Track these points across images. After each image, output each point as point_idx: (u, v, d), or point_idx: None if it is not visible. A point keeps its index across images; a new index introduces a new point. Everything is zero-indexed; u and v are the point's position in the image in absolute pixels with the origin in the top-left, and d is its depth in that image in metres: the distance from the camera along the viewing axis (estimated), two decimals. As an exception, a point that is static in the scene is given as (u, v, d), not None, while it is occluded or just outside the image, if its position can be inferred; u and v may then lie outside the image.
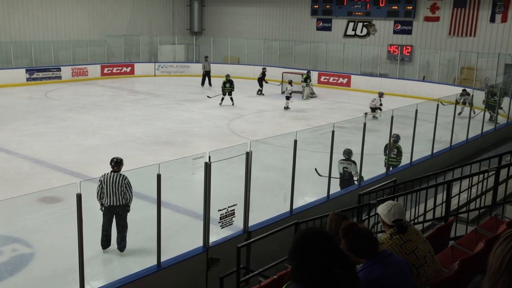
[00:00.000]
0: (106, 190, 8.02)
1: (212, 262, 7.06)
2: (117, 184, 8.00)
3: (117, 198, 8.01)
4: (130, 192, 8.15)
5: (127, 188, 8.08)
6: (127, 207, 8.20)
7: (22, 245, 8.14)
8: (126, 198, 8.10)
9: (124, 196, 8.06)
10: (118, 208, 8.08)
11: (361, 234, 3.49)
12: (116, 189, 8.00)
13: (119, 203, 8.04)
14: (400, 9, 27.33)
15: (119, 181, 8.02)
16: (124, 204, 8.11)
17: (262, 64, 30.79)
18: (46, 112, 19.55)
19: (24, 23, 27.85)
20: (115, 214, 8.11)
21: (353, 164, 10.46)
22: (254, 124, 18.77)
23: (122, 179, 8.05)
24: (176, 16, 35.12)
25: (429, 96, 23.12)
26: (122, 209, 8.11)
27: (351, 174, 10.48)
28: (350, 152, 10.59)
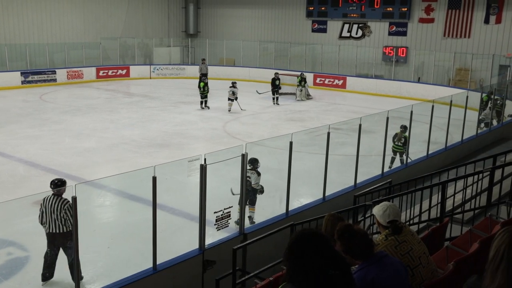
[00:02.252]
0: (46, 216, 7.14)
1: (208, 264, 7.05)
2: (57, 209, 7.07)
3: (57, 225, 7.11)
4: (71, 219, 6.93)
5: (68, 214, 7.05)
6: (70, 235, 6.99)
7: (17, 249, 8.12)
8: (68, 225, 7.11)
9: (65, 223, 7.12)
10: (58, 236, 7.16)
11: (356, 235, 3.49)
12: (55, 215, 7.08)
13: (58, 230, 7.13)
14: (395, 10, 27.42)
15: (59, 206, 7.08)
16: (65, 232, 7.15)
17: (258, 66, 30.83)
18: (41, 115, 19.49)
19: (19, 26, 27.79)
20: (58, 243, 7.25)
21: (255, 174, 9.38)
22: (249, 126, 18.77)
23: (62, 204, 7.09)
24: (171, 18, 35.11)
25: (424, 97, 23.19)
26: (64, 238, 7.17)
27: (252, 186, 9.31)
28: (254, 161, 9.35)
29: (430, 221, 7.44)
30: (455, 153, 13.62)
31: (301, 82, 24.34)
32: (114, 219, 10.46)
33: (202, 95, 21.52)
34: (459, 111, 14.31)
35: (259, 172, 9.54)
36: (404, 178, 10.36)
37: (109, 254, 8.49)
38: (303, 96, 24.27)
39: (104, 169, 12.62)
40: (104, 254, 8.46)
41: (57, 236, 7.17)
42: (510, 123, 17.18)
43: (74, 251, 6.89)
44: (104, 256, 8.41)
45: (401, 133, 12.64)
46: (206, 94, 21.54)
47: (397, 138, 12.69)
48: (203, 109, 21.27)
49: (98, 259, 8.24)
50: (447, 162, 12.62)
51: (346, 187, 10.28)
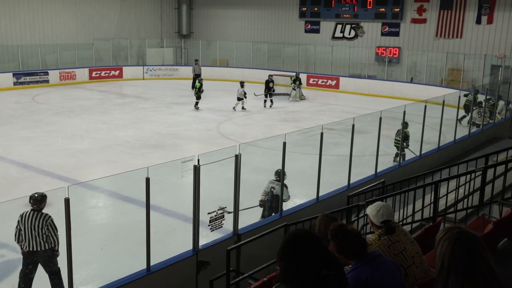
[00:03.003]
0: (25, 233, 6.71)
1: (202, 265, 7.05)
2: (38, 225, 6.68)
3: (38, 242, 6.70)
4: (54, 234, 6.78)
5: (51, 230, 6.74)
6: (53, 252, 6.84)
7: (10, 251, 8.07)
8: (50, 242, 6.77)
9: (47, 240, 6.74)
10: (40, 253, 6.77)
11: (350, 235, 3.50)
12: (36, 232, 6.67)
13: (40, 248, 6.73)
14: (387, 11, 27.51)
15: (41, 222, 6.69)
16: (47, 249, 6.78)
17: (251, 67, 30.84)
18: (33, 116, 19.40)
19: (11, 26, 27.64)
20: (40, 262, 6.86)
21: (279, 185, 8.91)
22: (243, 126, 18.77)
23: (43, 219, 6.71)
24: (164, 19, 35.05)
25: (417, 97, 23.28)
26: (46, 255, 6.80)
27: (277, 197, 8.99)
28: (280, 173, 8.87)
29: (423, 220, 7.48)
30: (448, 153, 13.69)
31: (295, 82, 24.37)
32: (108, 221, 10.44)
33: (197, 95, 21.52)
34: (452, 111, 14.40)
35: (286, 185, 8.95)
36: (397, 178, 10.41)
37: (102, 255, 8.47)
38: (297, 97, 24.30)
39: (97, 171, 12.59)
40: (98, 255, 8.43)
41: (37, 254, 6.77)
42: (502, 123, 17.29)
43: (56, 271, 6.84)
44: (97, 257, 8.39)
45: (402, 129, 12.98)
46: (200, 95, 21.54)
47: (397, 133, 13.29)
48: (198, 110, 21.26)
49: (92, 260, 8.22)
50: (440, 162, 12.68)
51: (339, 187, 10.30)
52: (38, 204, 6.79)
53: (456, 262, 1.81)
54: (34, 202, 6.78)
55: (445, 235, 1.89)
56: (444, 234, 1.89)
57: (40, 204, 6.80)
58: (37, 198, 6.80)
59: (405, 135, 12.95)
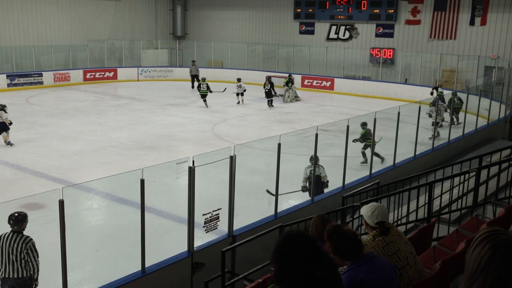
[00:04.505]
0: (2, 257, 6.01)
1: (197, 266, 7.05)
2: (16, 249, 5.99)
3: (15, 268, 6.00)
4: (35, 260, 6.10)
5: (31, 255, 6.06)
6: (30, 281, 6.13)
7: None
8: (28, 268, 6.07)
9: (25, 266, 6.04)
10: (15, 282, 6.04)
11: (345, 236, 3.50)
12: (14, 256, 5.98)
13: (17, 275, 6.00)
14: (381, 12, 27.59)
15: (20, 245, 6.00)
16: (24, 277, 6.05)
17: (246, 68, 30.85)
18: (27, 118, 19.33)
19: (4, 28, 27.53)
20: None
21: (321, 167, 10.26)
22: (238, 128, 18.77)
23: (24, 242, 6.03)
24: (159, 20, 35.02)
25: (411, 98, 23.37)
26: (20, 284, 6.07)
27: (318, 176, 10.07)
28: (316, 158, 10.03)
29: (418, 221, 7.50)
30: (442, 154, 13.74)
31: (288, 84, 24.41)
32: (102, 222, 10.42)
33: (202, 94, 22.11)
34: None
35: (321, 166, 10.19)
36: (391, 179, 10.43)
37: (97, 257, 8.46)
38: (291, 98, 24.33)
39: (92, 172, 12.56)
40: (92, 257, 8.42)
41: (12, 281, 6.06)
42: (496, 124, 17.38)
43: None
44: (92, 259, 8.38)
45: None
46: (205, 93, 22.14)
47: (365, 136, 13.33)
48: (208, 107, 21.86)
49: (86, 262, 8.20)
50: (435, 163, 12.73)
51: (334, 188, 10.33)
52: (19, 225, 6.09)
53: (492, 268, 1.78)
54: (15, 223, 6.06)
55: (488, 237, 1.83)
56: (487, 237, 1.84)
57: (21, 224, 6.10)
58: (17, 218, 6.09)
59: (365, 136, 13.14)
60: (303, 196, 10.02)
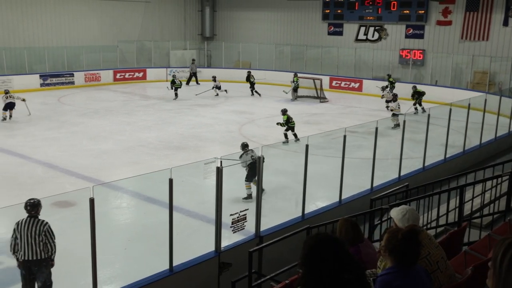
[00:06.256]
0: (21, 241, 6.43)
1: (224, 266, 7.07)
2: (34, 232, 6.39)
3: (34, 250, 6.41)
4: (51, 241, 6.51)
5: (48, 237, 6.46)
6: (48, 261, 6.55)
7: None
8: (47, 250, 6.49)
9: (43, 248, 6.45)
10: (35, 263, 6.48)
11: (417, 242, 3.39)
12: (32, 239, 6.39)
13: (36, 257, 6.44)
14: (411, 13, 27.25)
15: (37, 229, 6.40)
16: (42, 258, 6.49)
17: (274, 69, 30.87)
18: (59, 117, 19.72)
19: (38, 29, 28.17)
20: (34, 272, 6.56)
21: (254, 151, 11.05)
22: (265, 128, 18.77)
23: (40, 226, 6.43)
24: (187, 21, 35.30)
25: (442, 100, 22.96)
26: (39, 264, 6.52)
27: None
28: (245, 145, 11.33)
29: (448, 225, 7.39)
30: (474, 157, 13.48)
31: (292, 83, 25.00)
32: (131, 221, 10.55)
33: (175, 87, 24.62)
34: (478, 114, 14.17)
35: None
36: (421, 181, 10.29)
37: (126, 255, 8.56)
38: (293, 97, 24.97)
39: (121, 171, 12.72)
40: (121, 255, 8.53)
41: (33, 263, 6.48)
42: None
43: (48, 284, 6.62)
44: (121, 257, 8.49)
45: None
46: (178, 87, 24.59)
47: None
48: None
49: (115, 260, 8.31)
50: (465, 166, 12.50)
51: (362, 191, 10.24)
52: (35, 210, 6.49)
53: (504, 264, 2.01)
54: (31, 208, 6.48)
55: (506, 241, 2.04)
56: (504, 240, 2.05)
57: (36, 209, 6.51)
58: (33, 203, 6.51)
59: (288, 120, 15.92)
60: (330, 198, 9.96)
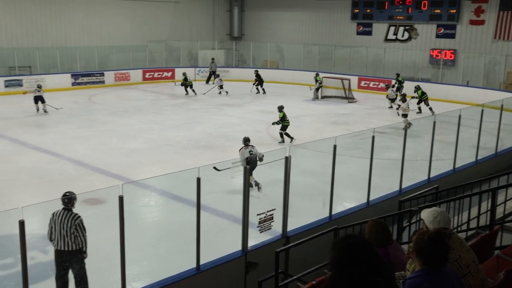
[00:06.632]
0: (55, 231, 6.69)
1: (251, 266, 7.08)
2: (66, 224, 6.63)
3: (65, 242, 6.66)
4: (83, 235, 6.74)
5: (79, 230, 6.68)
6: (80, 254, 6.79)
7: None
8: (78, 242, 6.72)
9: (74, 240, 6.68)
10: (67, 254, 6.73)
11: (444, 244, 3.32)
12: (65, 231, 6.63)
13: (68, 248, 6.68)
14: (443, 12, 26.80)
15: (69, 221, 6.65)
16: (75, 250, 6.72)
17: (302, 69, 30.78)
18: (89, 116, 20.06)
19: (69, 29, 28.71)
20: (67, 262, 6.83)
21: (254, 147, 11.59)
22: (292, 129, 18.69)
23: (73, 219, 6.66)
24: (216, 21, 35.48)
25: (473, 101, 22.53)
26: (72, 256, 6.76)
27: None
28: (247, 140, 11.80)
29: (479, 228, 7.24)
30: (506, 159, 13.19)
31: (315, 83, 25.03)
32: (159, 219, 10.65)
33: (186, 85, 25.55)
34: (511, 116, 13.87)
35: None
36: (451, 184, 10.10)
37: (154, 253, 8.65)
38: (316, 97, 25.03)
39: (149, 170, 12.86)
40: (149, 253, 8.61)
41: (65, 254, 6.74)
42: None
43: (81, 274, 6.86)
44: (149, 255, 8.57)
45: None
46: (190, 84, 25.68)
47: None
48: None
49: (143, 257, 8.40)
50: (498, 168, 12.23)
51: (390, 192, 10.12)
52: (70, 203, 6.78)
53: None
54: (68, 200, 6.77)
55: None
56: None
57: (71, 202, 6.79)
58: (69, 196, 6.84)
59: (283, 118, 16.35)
60: (358, 199, 9.87)
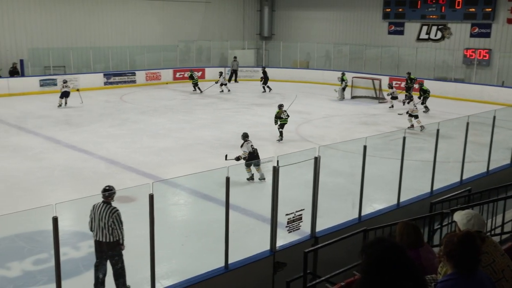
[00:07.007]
0: (94, 222, 7.03)
1: (279, 266, 7.07)
2: (105, 217, 6.94)
3: (104, 233, 6.97)
4: (119, 228, 7.01)
5: (116, 223, 6.97)
6: (117, 246, 7.08)
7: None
8: (115, 234, 7.00)
9: (112, 233, 6.98)
10: (105, 245, 7.03)
11: (475, 247, 3.26)
12: (103, 223, 6.94)
13: (106, 239, 7.00)
14: (478, 11, 26.24)
15: (108, 214, 6.95)
16: (112, 242, 7.02)
17: (332, 69, 30.59)
18: (121, 115, 20.36)
19: (102, 30, 29.22)
20: (105, 253, 7.13)
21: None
22: (322, 128, 18.63)
23: (111, 212, 6.97)
24: (246, 21, 35.57)
25: (509, 102, 22.02)
26: (110, 247, 7.05)
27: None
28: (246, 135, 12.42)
29: (514, 232, 7.06)
30: (542, 162, 12.80)
31: (341, 82, 24.74)
32: (188, 218, 10.74)
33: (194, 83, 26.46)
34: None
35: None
36: (484, 186, 9.88)
37: (183, 251, 8.72)
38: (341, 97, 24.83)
39: (179, 169, 12.97)
40: (178, 251, 8.69)
41: (103, 245, 7.03)
42: None
43: (119, 265, 7.15)
44: (178, 253, 8.65)
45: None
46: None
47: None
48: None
49: (173, 255, 8.48)
50: (533, 171, 11.90)
51: (421, 194, 9.95)
52: (111, 196, 7.10)
53: None
54: (109, 194, 7.12)
55: None
56: None
57: (110, 196, 7.10)
58: (108, 190, 7.18)
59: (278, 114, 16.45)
60: (388, 200, 9.75)
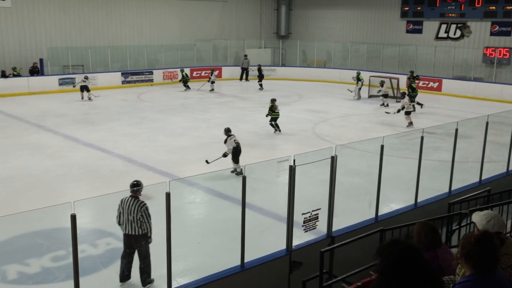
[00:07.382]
0: (123, 216, 7.31)
1: (295, 265, 7.06)
2: (133, 211, 7.21)
3: (133, 227, 7.25)
4: (147, 221, 7.30)
5: (144, 217, 7.25)
6: (145, 238, 7.37)
7: (115, 239, 8.58)
8: (143, 228, 7.29)
9: (140, 226, 7.26)
10: (133, 238, 7.32)
11: (492, 248, 3.21)
12: (131, 217, 7.22)
13: (134, 232, 7.28)
14: (498, 9, 25.89)
15: (136, 208, 7.22)
16: (140, 235, 7.31)
17: (349, 68, 30.44)
18: (138, 114, 20.51)
19: (121, 29, 29.45)
20: (133, 245, 7.41)
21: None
22: (339, 128, 18.55)
23: (139, 206, 7.24)
24: (263, 20, 35.56)
25: (529, 101, 21.70)
26: (138, 240, 7.35)
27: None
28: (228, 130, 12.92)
29: (534, 234, 6.96)
30: None
31: (358, 82, 24.63)
32: (204, 216, 10.77)
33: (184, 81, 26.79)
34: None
35: None
36: (504, 186, 9.75)
37: (199, 249, 8.76)
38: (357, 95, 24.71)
39: (195, 167, 13.01)
40: (195, 249, 8.73)
41: (132, 238, 7.29)
42: None
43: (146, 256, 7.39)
44: (194, 251, 8.69)
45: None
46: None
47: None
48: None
49: (189, 253, 8.52)
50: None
51: (439, 194, 9.85)
52: (139, 191, 7.36)
53: None
54: (137, 190, 7.37)
55: None
56: None
57: (138, 190, 7.36)
58: (136, 185, 7.43)
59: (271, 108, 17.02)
60: (405, 200, 9.68)
